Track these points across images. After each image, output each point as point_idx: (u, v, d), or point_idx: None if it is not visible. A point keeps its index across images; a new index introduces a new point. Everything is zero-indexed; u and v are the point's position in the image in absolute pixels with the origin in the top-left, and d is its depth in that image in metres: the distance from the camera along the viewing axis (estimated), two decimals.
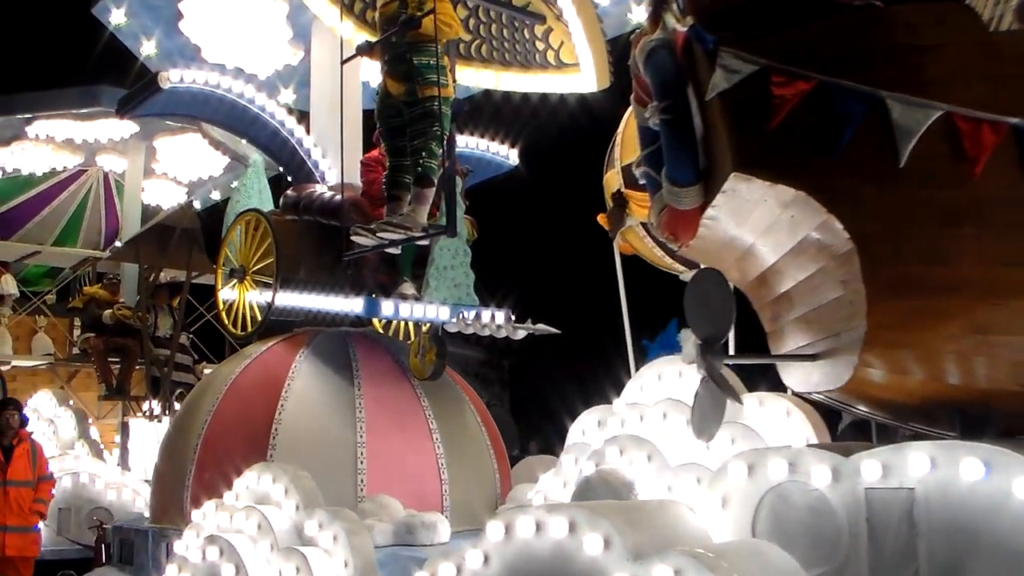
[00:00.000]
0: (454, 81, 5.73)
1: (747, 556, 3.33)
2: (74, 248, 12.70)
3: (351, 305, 6.51)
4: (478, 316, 6.60)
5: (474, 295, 6.80)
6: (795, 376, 4.24)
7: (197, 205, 11.67)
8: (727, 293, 3.64)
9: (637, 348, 6.88)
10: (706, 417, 3.87)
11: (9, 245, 11.69)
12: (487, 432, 7.16)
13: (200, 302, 11.84)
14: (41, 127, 11.11)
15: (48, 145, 11.63)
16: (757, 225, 3.73)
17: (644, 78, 3.91)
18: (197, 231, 10.13)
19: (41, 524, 8.32)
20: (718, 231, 3.88)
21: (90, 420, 10.63)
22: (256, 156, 8.51)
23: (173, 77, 6.62)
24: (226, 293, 7.41)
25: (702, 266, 4.22)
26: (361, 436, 6.36)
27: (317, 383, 6.58)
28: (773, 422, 4.87)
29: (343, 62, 5.70)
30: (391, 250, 6.18)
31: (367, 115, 7.58)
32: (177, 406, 9.98)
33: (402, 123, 5.39)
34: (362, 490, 6.20)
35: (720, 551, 3.27)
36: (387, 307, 6.42)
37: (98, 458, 9.95)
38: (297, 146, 7.36)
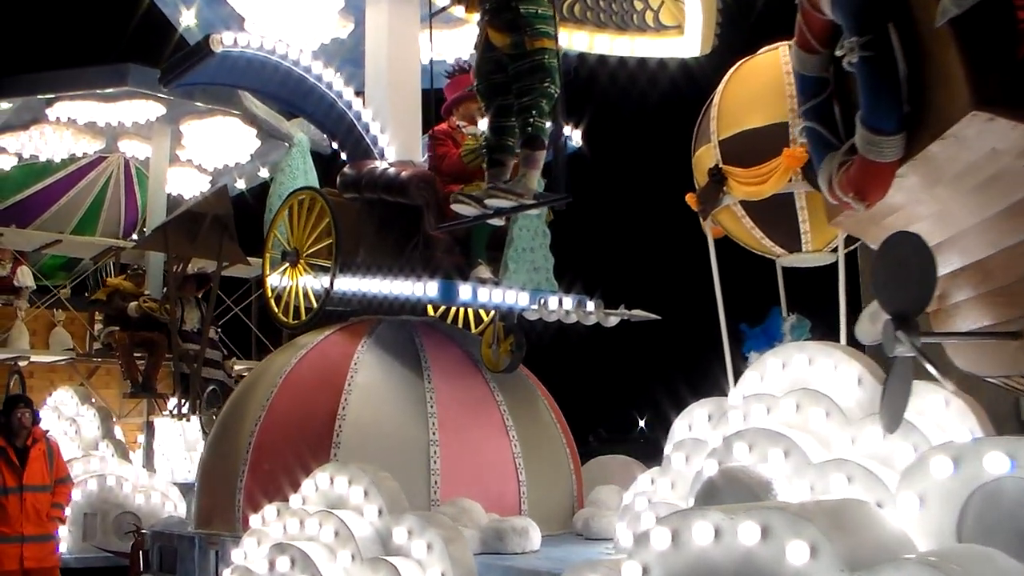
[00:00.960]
0: None
1: (976, 563, 2.79)
2: (94, 238, 12.11)
3: (423, 289, 5.99)
4: (561, 302, 6.10)
5: (554, 280, 6.31)
6: (970, 357, 3.73)
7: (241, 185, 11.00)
8: (929, 259, 3.10)
9: (732, 336, 6.34)
10: (895, 406, 3.33)
11: (28, 233, 11.09)
12: (561, 428, 6.64)
13: (227, 295, 11.26)
14: (63, 109, 10.56)
15: (68, 129, 11.09)
16: (960, 181, 3.21)
17: (823, 15, 3.39)
18: (230, 218, 9.57)
19: (62, 530, 7.75)
20: (903, 190, 3.36)
21: (114, 419, 10.07)
22: (301, 135, 8.07)
23: (226, 40, 6.09)
24: (275, 279, 6.89)
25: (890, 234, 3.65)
26: (433, 433, 5.83)
27: (383, 375, 6.05)
28: (930, 414, 4.33)
29: (432, 15, 5.16)
30: (497, 220, 5.57)
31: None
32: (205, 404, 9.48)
33: (506, 79, 4.84)
34: (435, 492, 5.68)
35: (946, 557, 2.73)
36: (465, 291, 5.91)
37: (124, 459, 9.38)
38: (355, 120, 6.82)
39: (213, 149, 11.52)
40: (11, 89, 10.29)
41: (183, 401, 9.59)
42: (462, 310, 7.59)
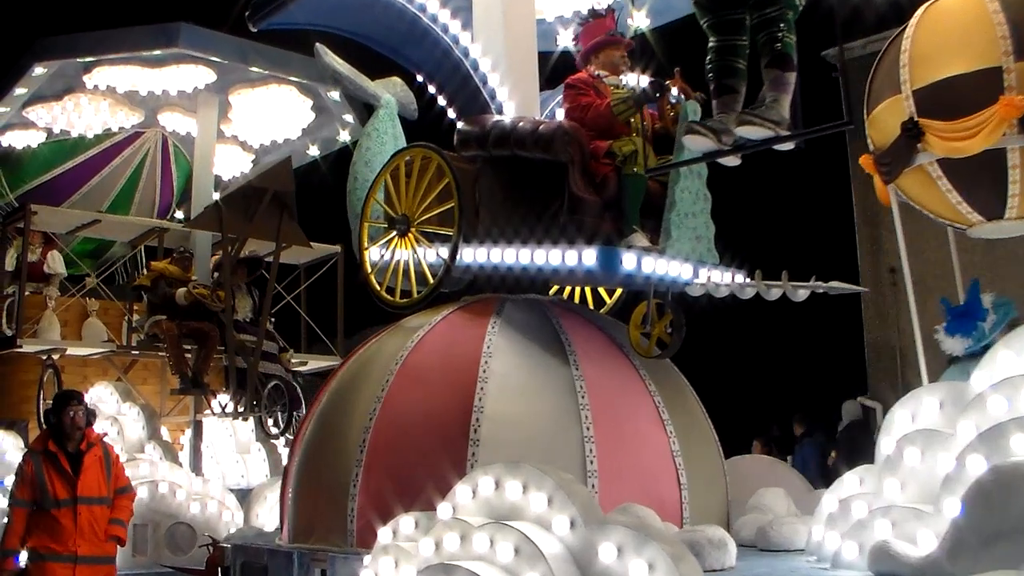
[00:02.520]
0: None
1: None
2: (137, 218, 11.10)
3: (576, 258, 5.13)
4: (732, 277, 5.27)
5: (715, 251, 5.47)
6: None
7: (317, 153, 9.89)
8: None
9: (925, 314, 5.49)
10: None
11: (63, 212, 10.07)
12: (710, 423, 5.81)
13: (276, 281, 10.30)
14: (102, 76, 9.65)
15: (106, 99, 10.18)
16: None
17: None
18: (291, 195, 8.69)
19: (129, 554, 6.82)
20: None
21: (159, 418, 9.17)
22: (387, 96, 7.16)
23: None
24: (376, 253, 6.02)
25: None
26: (587, 428, 4.97)
27: (523, 362, 5.20)
28: None
29: None
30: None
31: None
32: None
33: None
34: (593, 496, 4.79)
35: None
36: (628, 260, 5.06)
37: (175, 463, 8.47)
38: (471, 71, 5.95)
39: (262, 123, 10.61)
40: (48, 52, 9.37)
41: (240, 398, 8.67)
42: (578, 289, 6.74)
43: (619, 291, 6.81)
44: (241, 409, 8.72)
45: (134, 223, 10.09)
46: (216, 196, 10.08)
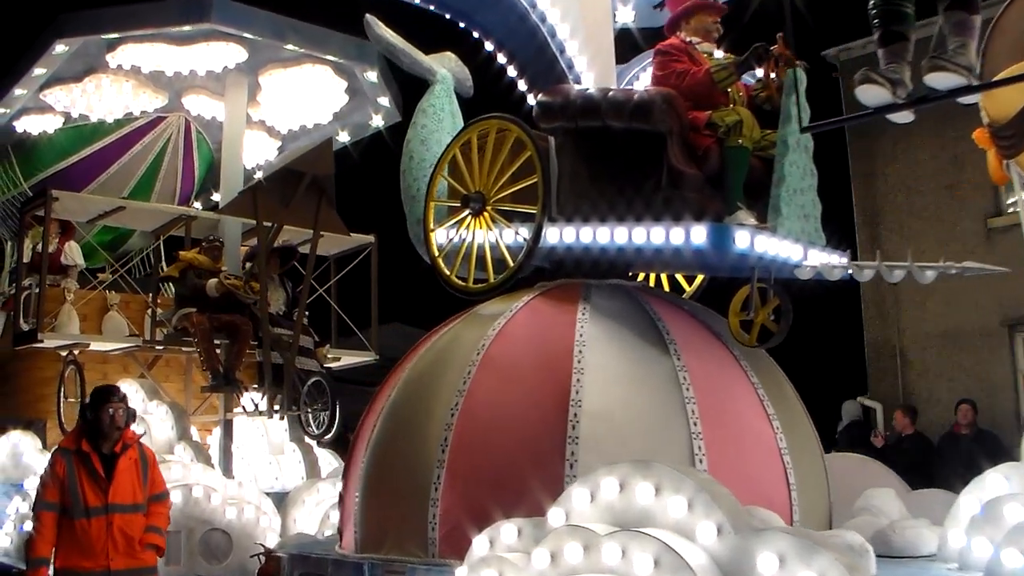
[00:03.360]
0: None
1: None
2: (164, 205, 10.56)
3: (681, 236, 4.68)
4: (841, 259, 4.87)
5: (822, 232, 5.04)
6: None
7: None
8: None
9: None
10: None
11: (86, 198, 9.56)
12: (809, 417, 5.38)
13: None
14: (126, 55, 9.15)
15: (129, 80, 9.69)
16: None
17: None
18: (331, 180, 8.22)
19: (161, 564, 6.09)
20: None
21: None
22: (443, 71, 6.74)
23: None
24: (443, 235, 5.56)
25: None
26: (695, 424, 4.56)
27: (621, 352, 4.77)
28: None
29: None
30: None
31: None
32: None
33: None
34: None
35: None
36: (742, 238, 4.61)
37: (207, 465, 7.99)
38: (548, 38, 5.50)
39: (292, 107, 10.14)
40: (71, 28, 8.87)
41: (276, 396, 8.19)
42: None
43: (700, 278, 6.39)
44: (277, 407, 8.24)
45: (160, 210, 9.58)
46: (238, 182, 9.61)
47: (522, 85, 5.98)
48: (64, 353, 9.40)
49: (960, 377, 10.79)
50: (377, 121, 10.36)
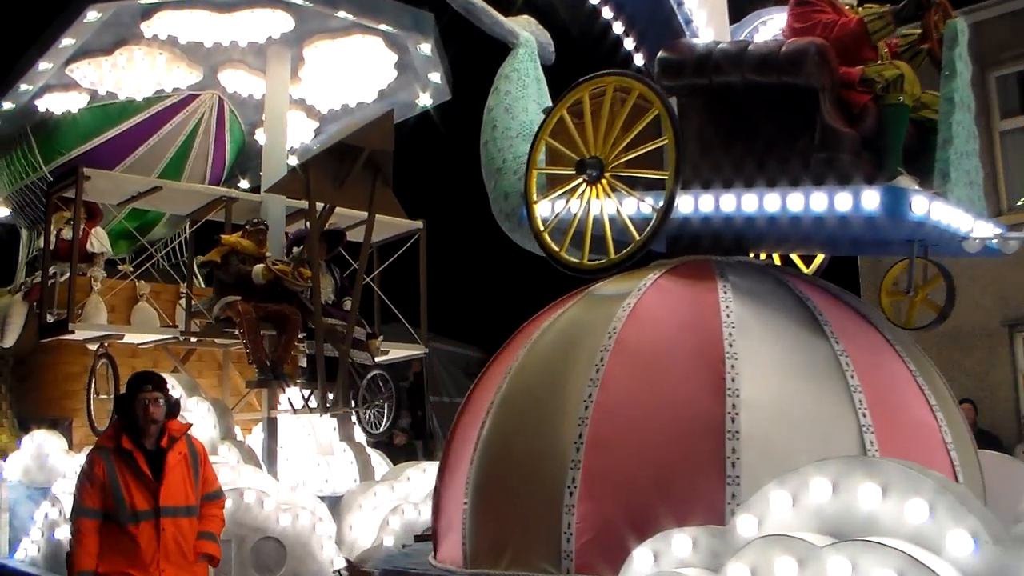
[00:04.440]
0: None
1: None
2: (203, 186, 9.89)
3: (848, 202, 4.11)
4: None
5: (984, 200, 4.51)
6: None
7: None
8: None
9: None
10: None
11: (118, 178, 8.87)
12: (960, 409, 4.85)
13: (353, 258, 9.23)
14: (162, 23, 8.52)
15: (163, 54, 9.09)
16: None
17: None
18: (389, 157, 7.66)
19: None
20: None
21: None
22: (527, 34, 6.25)
23: None
24: (546, 207, 5.02)
25: None
26: (863, 415, 4.05)
27: (776, 337, 4.23)
28: None
29: None
30: None
31: None
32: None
33: None
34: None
35: None
36: (919, 204, 4.07)
37: (256, 467, 7.42)
38: None
39: (335, 83, 9.56)
40: None
41: (330, 393, 7.62)
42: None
43: (818, 259, 5.84)
44: (329, 404, 7.66)
45: (198, 192, 8.96)
46: (280, 165, 9.01)
47: (629, 43, 5.45)
48: (94, 346, 8.85)
49: (960, 377, 10.49)
50: (424, 100, 9.77)
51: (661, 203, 4.52)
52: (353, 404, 7.55)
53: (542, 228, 4.99)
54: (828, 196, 4.16)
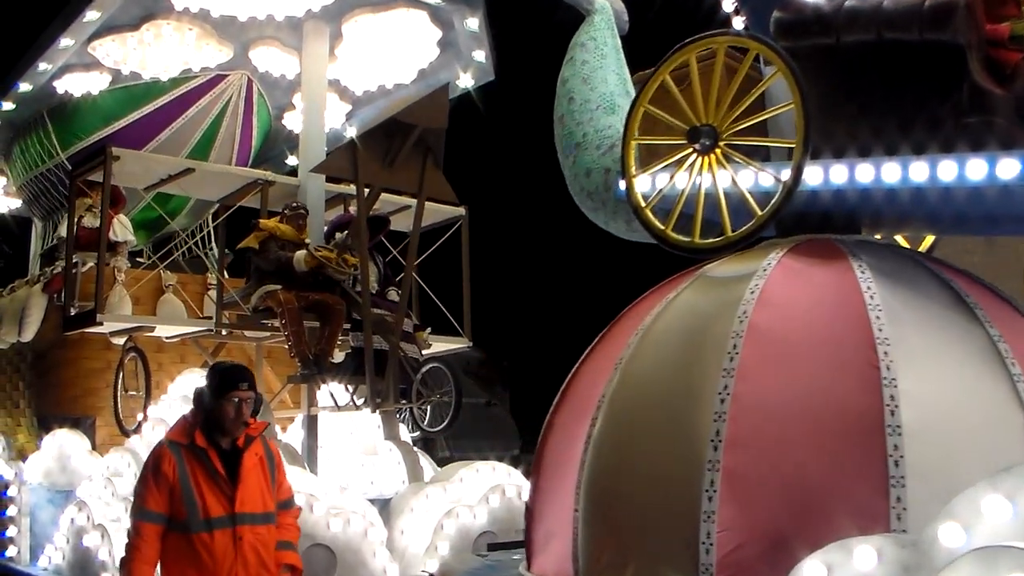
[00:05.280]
0: None
1: None
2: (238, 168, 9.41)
3: (1013, 169, 3.71)
4: None
5: None
6: None
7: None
8: None
9: None
10: None
11: (150, 158, 8.34)
12: None
13: (394, 246, 8.82)
14: None
15: (193, 29, 8.66)
16: None
17: None
18: (442, 136, 7.25)
19: None
20: None
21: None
22: (602, 1, 5.88)
23: None
24: (646, 182, 4.63)
25: None
26: None
27: (925, 322, 3.84)
28: None
29: None
30: None
31: None
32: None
33: None
34: None
35: None
36: None
37: (300, 467, 7.00)
38: None
39: (373, 62, 9.13)
40: None
41: (379, 389, 7.20)
42: None
43: (928, 240, 5.45)
44: (378, 400, 7.24)
45: (233, 174, 8.47)
46: (320, 148, 8.58)
47: (728, 5, 5.07)
48: (119, 340, 8.43)
49: None
50: (466, 81, 9.33)
51: (787, 174, 4.13)
52: (404, 399, 7.14)
53: (644, 204, 4.60)
54: (988, 164, 3.76)
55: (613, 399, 3.99)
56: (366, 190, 7.27)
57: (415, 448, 8.09)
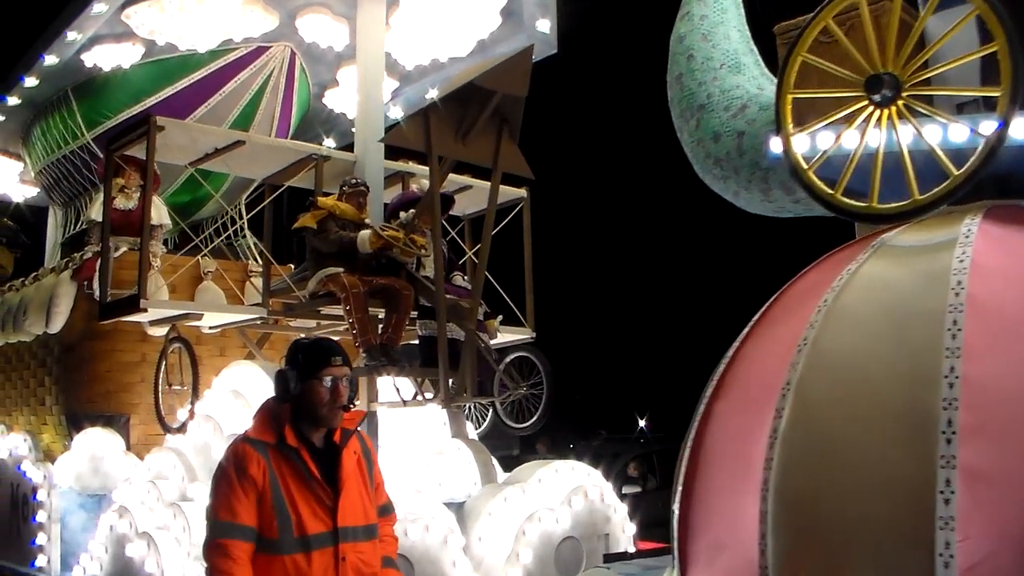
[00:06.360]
0: None
1: None
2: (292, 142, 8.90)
3: None
4: None
5: None
6: None
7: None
8: None
9: None
10: None
11: (198, 128, 7.64)
12: None
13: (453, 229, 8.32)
14: None
15: None
16: None
17: None
18: (521, 105, 6.78)
19: None
20: None
21: None
22: None
23: None
24: (804, 141, 4.18)
25: None
26: None
27: None
28: None
29: None
30: None
31: None
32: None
33: None
34: None
35: None
36: None
37: None
38: None
39: (430, 32, 8.64)
40: None
41: (453, 383, 6.71)
42: None
43: None
44: (452, 393, 6.75)
45: (287, 147, 7.80)
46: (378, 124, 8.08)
47: None
48: (155, 331, 7.95)
49: None
50: None
51: (988, 128, 3.66)
52: (486, 393, 6.66)
53: (806, 166, 4.12)
54: None
55: (803, 386, 3.47)
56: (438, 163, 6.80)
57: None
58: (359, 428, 3.91)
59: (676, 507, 3.98)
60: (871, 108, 3.91)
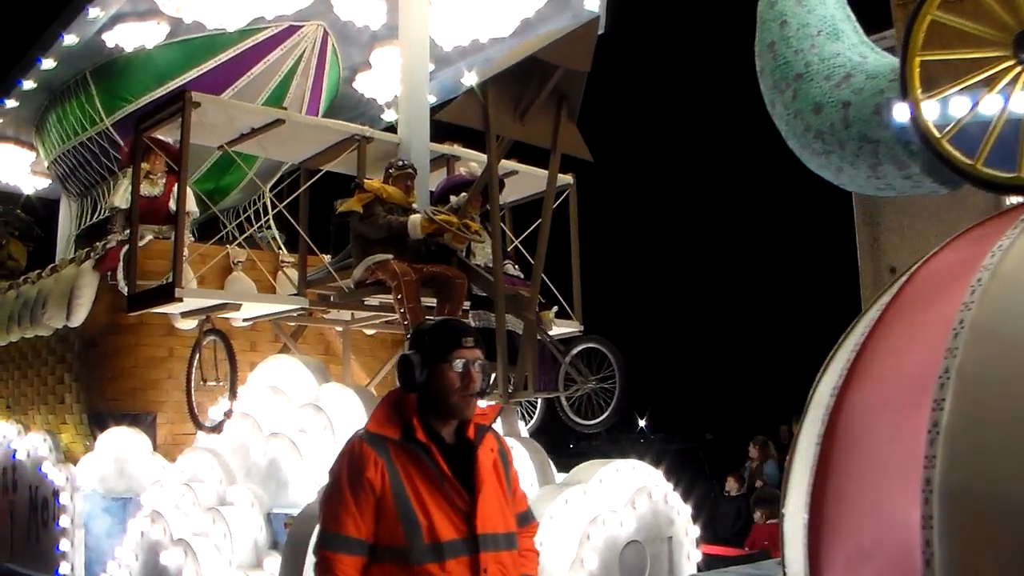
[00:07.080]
0: None
1: None
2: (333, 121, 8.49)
3: None
4: None
5: None
6: None
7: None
8: None
9: None
10: None
11: (236, 106, 7.27)
12: None
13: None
14: None
15: None
16: None
17: None
18: (583, 81, 6.46)
19: None
20: None
21: None
22: None
23: None
24: (933, 108, 3.89)
25: None
26: None
27: None
28: None
29: None
30: None
31: None
32: None
33: None
34: None
35: None
36: None
37: None
38: None
39: (470, 14, 8.32)
40: None
41: (512, 378, 6.39)
42: None
43: None
44: (511, 389, 6.44)
45: (328, 127, 7.42)
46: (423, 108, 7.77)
47: None
48: (184, 324, 7.64)
49: None
50: None
51: None
52: (550, 388, 6.35)
53: (939, 135, 3.81)
54: None
55: (966, 373, 3.14)
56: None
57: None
58: (494, 428, 3.47)
59: (805, 513, 3.65)
60: (1019, 69, 3.61)
